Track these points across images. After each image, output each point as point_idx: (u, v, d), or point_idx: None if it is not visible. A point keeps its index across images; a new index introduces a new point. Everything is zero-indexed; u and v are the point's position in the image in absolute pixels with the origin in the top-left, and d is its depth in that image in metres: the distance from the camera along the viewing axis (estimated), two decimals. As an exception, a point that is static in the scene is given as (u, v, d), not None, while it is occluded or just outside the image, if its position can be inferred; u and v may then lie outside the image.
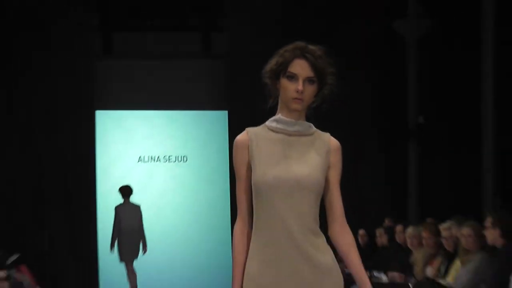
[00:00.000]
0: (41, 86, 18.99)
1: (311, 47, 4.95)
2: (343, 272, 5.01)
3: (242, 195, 4.93)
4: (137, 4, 19.71)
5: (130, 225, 19.00)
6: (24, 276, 16.46)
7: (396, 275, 12.92)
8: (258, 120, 16.02)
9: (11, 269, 15.97)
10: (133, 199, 19.56)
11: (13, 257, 16.61)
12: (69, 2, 18.87)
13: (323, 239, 4.91)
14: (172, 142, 20.51)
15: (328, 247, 4.91)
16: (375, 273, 13.81)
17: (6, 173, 18.78)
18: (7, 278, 15.03)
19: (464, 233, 10.76)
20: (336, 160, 5.02)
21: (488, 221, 10.21)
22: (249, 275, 4.83)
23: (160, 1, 19.69)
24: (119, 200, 19.42)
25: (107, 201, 19.49)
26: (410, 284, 11.88)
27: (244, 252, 4.87)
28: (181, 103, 20.20)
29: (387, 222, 16.32)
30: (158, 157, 20.56)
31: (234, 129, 19.23)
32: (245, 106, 18.52)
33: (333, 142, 5.05)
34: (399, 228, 14.49)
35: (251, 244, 4.87)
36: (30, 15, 18.70)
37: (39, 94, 19.03)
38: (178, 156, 20.59)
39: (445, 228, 11.68)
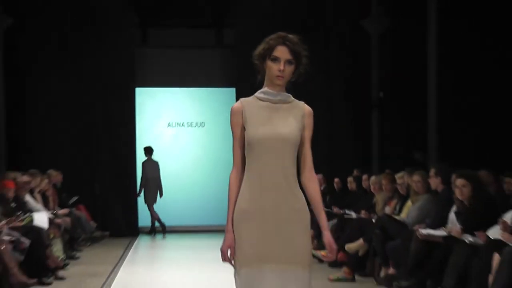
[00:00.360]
0: (95, 68, 19.00)
1: (290, 36, 5.00)
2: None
3: (237, 149, 4.98)
4: (167, 7, 19.73)
5: (151, 177, 19.29)
6: (82, 213, 16.63)
7: (362, 213, 12.80)
8: (252, 93, 16.36)
9: (72, 208, 16.25)
10: (162, 155, 19.84)
11: (74, 199, 16.81)
12: (116, 6, 18.96)
13: (297, 183, 4.89)
14: (193, 112, 20.51)
15: (300, 190, 4.90)
16: (347, 211, 13.71)
17: (68, 136, 18.86)
18: (69, 214, 15.28)
19: (415, 179, 10.78)
20: (309, 122, 5.05)
21: (432, 172, 10.26)
22: (239, 208, 4.85)
23: (184, 5, 19.66)
24: (154, 156, 19.68)
25: (143, 157, 19.62)
26: (373, 219, 11.76)
27: (237, 192, 4.91)
28: (199, 82, 20.20)
29: (355, 172, 15.94)
30: (182, 123, 20.67)
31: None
32: (248, 85, 19.01)
33: (307, 108, 5.09)
34: (364, 177, 14.38)
35: (242, 186, 4.90)
36: (89, 14, 18.74)
37: (94, 75, 19.06)
38: (197, 122, 20.67)
39: (399, 177, 11.73)
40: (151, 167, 19.42)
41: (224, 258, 4.81)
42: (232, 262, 4.81)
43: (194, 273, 12.23)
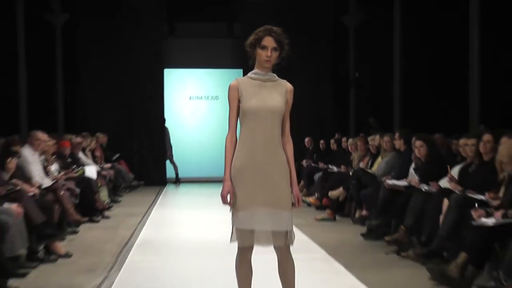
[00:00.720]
0: (130, 54, 19.07)
1: (275, 28, 5.07)
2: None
3: (233, 118, 4.94)
4: (189, 5, 19.68)
5: (167, 139, 19.47)
6: (122, 167, 16.73)
7: (342, 167, 12.78)
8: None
9: (115, 163, 16.35)
10: (185, 122, 20.09)
11: (116, 156, 16.92)
12: (149, 4, 18.96)
13: (281, 144, 4.98)
14: (209, 87, 20.50)
15: (283, 153, 4.96)
16: (329, 166, 13.71)
17: (112, 106, 19.01)
18: (112, 168, 15.39)
19: (385, 139, 10.80)
20: (290, 97, 5.09)
21: (396, 135, 10.27)
22: (235, 167, 4.88)
23: (202, 4, 19.62)
24: (178, 124, 19.89)
25: (170, 125, 19.67)
26: (350, 172, 11.76)
27: (233, 151, 4.93)
28: (214, 64, 20.16)
29: (336, 135, 15.89)
30: (201, 96, 20.62)
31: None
32: (251, 68, 18.95)
33: (289, 86, 5.15)
34: (344, 139, 14.39)
35: (237, 146, 4.93)
36: (128, 10, 18.83)
37: (132, 59, 19.11)
38: (212, 96, 20.68)
39: (371, 139, 11.76)
40: (167, 132, 19.47)
41: (224, 201, 4.88)
42: (231, 204, 4.87)
43: (208, 213, 12.28)
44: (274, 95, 5.02)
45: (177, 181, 19.34)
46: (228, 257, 5.23)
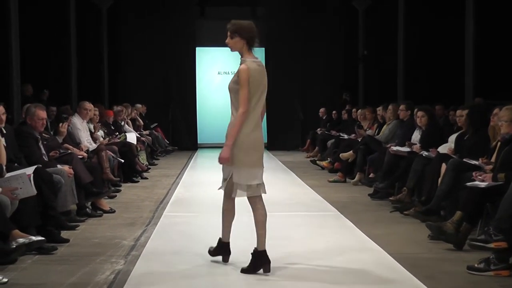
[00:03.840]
0: (166, 34, 19.16)
1: (231, 22, 5.32)
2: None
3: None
4: None
5: None
6: (159, 133, 16.89)
7: (352, 135, 12.72)
8: (277, 53, 16.25)
9: (152, 130, 16.43)
10: (213, 95, 19.81)
11: (154, 124, 17.04)
12: None
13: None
14: (235, 63, 20.21)
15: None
16: (341, 134, 13.68)
17: (150, 80, 19.12)
18: (150, 134, 15.47)
19: (389, 109, 10.77)
20: (239, 77, 5.16)
21: (402, 106, 10.19)
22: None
23: None
24: (207, 95, 19.83)
25: (202, 96, 19.73)
26: (359, 139, 11.67)
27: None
28: None
29: (348, 106, 16.19)
30: (228, 71, 20.30)
31: (268, 58, 19.49)
32: (272, 45, 18.94)
33: (239, 67, 5.23)
34: (354, 109, 14.35)
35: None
36: None
37: (168, 38, 19.21)
38: None
39: (378, 109, 11.62)
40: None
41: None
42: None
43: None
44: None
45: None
46: (250, 213, 5.25)
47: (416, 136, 9.27)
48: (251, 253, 5.19)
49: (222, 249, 5.49)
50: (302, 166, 14.23)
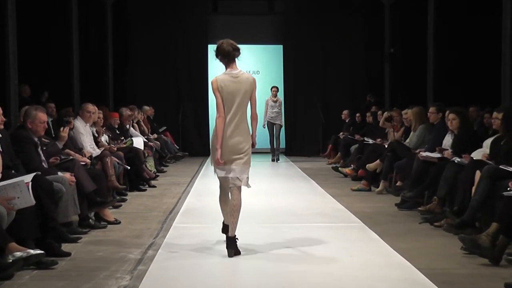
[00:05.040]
0: (176, 31, 19.30)
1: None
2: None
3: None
4: None
5: None
6: (168, 138, 16.88)
7: (378, 140, 12.62)
8: (296, 50, 16.33)
9: (161, 134, 16.43)
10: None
11: (162, 128, 17.06)
12: None
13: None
14: (251, 62, 20.39)
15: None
16: (365, 139, 13.57)
17: (159, 80, 19.18)
18: (158, 139, 15.47)
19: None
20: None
21: (432, 109, 10.06)
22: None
23: None
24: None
25: (213, 98, 19.70)
26: (385, 145, 11.65)
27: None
28: (256, 40, 19.76)
29: (373, 108, 16.02)
30: (243, 71, 20.47)
31: (286, 56, 19.52)
32: (291, 43, 18.94)
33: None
34: (379, 112, 14.18)
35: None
36: None
37: (178, 35, 19.36)
38: (254, 70, 20.30)
39: (405, 112, 11.47)
40: None
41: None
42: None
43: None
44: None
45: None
46: (266, 224, 5.22)
47: (447, 140, 9.18)
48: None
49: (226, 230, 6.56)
50: (323, 173, 14.21)
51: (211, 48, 20.06)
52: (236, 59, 6.62)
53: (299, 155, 18.75)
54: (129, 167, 10.73)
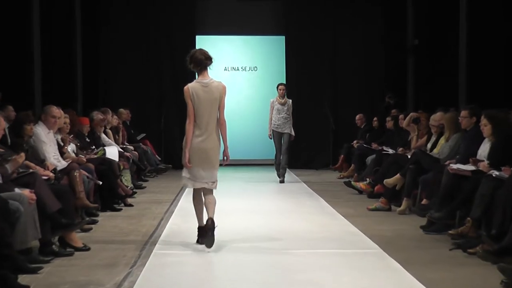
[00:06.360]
0: (161, 18, 19.50)
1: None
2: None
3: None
4: None
5: None
6: (148, 147, 16.90)
7: (399, 150, 12.56)
8: (300, 43, 16.41)
9: (139, 143, 16.46)
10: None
11: (141, 135, 17.10)
12: None
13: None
14: (247, 57, 20.46)
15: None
16: (384, 148, 13.70)
17: (137, 78, 19.23)
18: (136, 149, 15.46)
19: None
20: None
21: (465, 113, 9.96)
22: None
23: None
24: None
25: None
26: (407, 155, 11.60)
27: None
28: (253, 30, 20.02)
29: (393, 112, 15.91)
30: (237, 67, 20.53)
31: (288, 49, 19.54)
32: (294, 34, 18.98)
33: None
34: (401, 116, 14.08)
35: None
36: None
37: (160, 24, 19.52)
38: (251, 67, 20.53)
39: (438, 117, 11.31)
40: None
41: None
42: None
43: (243, 201, 12.51)
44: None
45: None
46: (265, 251, 5.18)
47: (483, 150, 9.16)
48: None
49: (201, 233, 8.22)
50: (333, 189, 14.22)
51: (200, 40, 20.25)
52: (208, 67, 8.27)
53: (305, 168, 18.75)
54: (101, 182, 10.70)
